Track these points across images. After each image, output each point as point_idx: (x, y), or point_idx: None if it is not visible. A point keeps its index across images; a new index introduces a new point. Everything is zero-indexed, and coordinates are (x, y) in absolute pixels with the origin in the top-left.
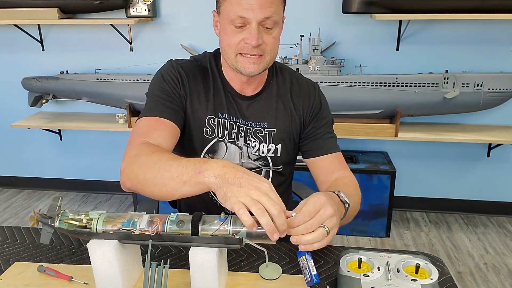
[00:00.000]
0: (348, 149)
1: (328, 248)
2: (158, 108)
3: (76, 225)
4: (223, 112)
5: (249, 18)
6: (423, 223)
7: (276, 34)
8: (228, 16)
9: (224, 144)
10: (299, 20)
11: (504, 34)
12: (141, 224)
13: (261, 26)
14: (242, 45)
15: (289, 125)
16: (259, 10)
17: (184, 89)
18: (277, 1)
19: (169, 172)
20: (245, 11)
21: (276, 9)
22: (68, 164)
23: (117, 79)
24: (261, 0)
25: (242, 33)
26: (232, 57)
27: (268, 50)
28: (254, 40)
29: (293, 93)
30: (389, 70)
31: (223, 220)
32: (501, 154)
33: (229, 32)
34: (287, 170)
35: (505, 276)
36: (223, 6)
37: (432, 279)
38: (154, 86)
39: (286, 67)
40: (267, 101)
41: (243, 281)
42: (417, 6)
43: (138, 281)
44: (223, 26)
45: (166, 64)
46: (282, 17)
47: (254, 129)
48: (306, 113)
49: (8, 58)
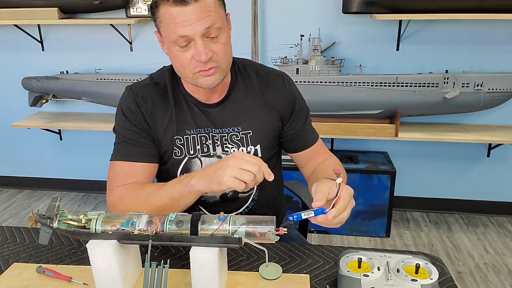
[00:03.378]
0: (348, 149)
1: (328, 248)
2: (129, 152)
3: (75, 226)
4: (190, 128)
5: (190, 35)
6: (423, 223)
7: (224, 39)
8: (169, 38)
9: (198, 159)
10: (299, 20)
11: (504, 34)
12: (140, 224)
13: (206, 37)
14: (194, 63)
15: (265, 122)
16: (197, 24)
17: (146, 121)
18: (213, 7)
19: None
20: (184, 29)
21: (216, 15)
22: (68, 164)
23: (117, 79)
24: (196, 13)
25: (189, 50)
26: (189, 76)
27: (220, 59)
28: (203, 56)
29: (263, 89)
30: (389, 70)
31: (222, 220)
32: (501, 154)
33: (176, 53)
34: (272, 163)
35: (505, 276)
36: (162, 29)
37: (432, 279)
38: (119, 124)
39: (247, 62)
40: (236, 104)
41: (243, 280)
42: (417, 6)
43: (138, 281)
44: (168, 48)
45: (124, 94)
46: (226, 18)
47: (230, 135)
48: (282, 106)
49: (8, 58)
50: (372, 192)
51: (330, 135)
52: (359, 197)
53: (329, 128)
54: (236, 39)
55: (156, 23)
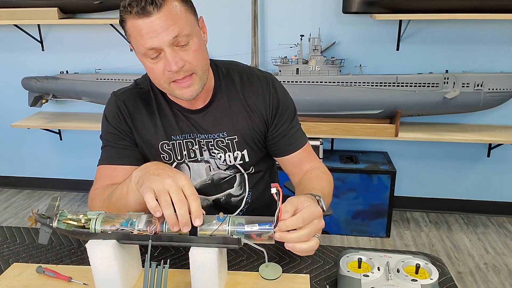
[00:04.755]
0: (348, 149)
1: (328, 248)
2: (109, 155)
3: (74, 225)
4: (175, 134)
5: (158, 46)
6: (423, 223)
7: (195, 46)
8: (139, 51)
9: (186, 165)
10: (299, 20)
11: (504, 34)
12: (139, 224)
13: (176, 46)
14: (168, 74)
15: (250, 127)
16: (163, 33)
17: (128, 124)
18: (179, 14)
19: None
20: (151, 41)
21: (183, 22)
22: (68, 164)
23: (117, 79)
24: (161, 23)
25: (160, 61)
26: (166, 87)
27: (194, 66)
28: (173, 66)
29: (245, 93)
30: (389, 70)
31: (221, 220)
32: (501, 154)
33: (148, 65)
34: (262, 166)
35: (505, 276)
36: (132, 42)
37: (432, 279)
38: (104, 130)
39: (234, 66)
40: (220, 109)
41: (243, 281)
42: (417, 6)
43: (138, 281)
44: (141, 60)
45: (109, 100)
46: (198, 23)
47: (216, 140)
48: (265, 110)
49: (8, 58)
50: (372, 192)
51: (330, 135)
52: (359, 197)
53: (329, 128)
54: (236, 39)
55: (127, 38)
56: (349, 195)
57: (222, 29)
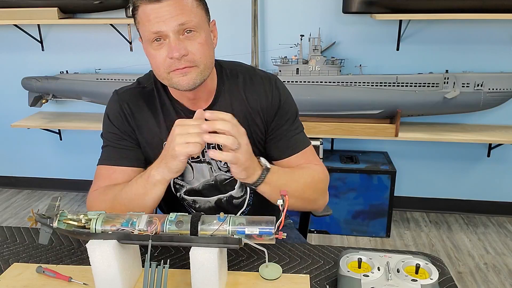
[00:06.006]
0: (348, 149)
1: (328, 248)
2: (110, 155)
3: (74, 225)
4: None
5: (164, 31)
6: (423, 223)
7: (202, 39)
8: (146, 37)
9: (189, 165)
10: (299, 20)
11: (504, 34)
12: (140, 224)
13: (181, 35)
14: (169, 62)
15: (251, 127)
16: (170, 19)
17: (130, 125)
18: (190, 6)
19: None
20: (157, 25)
21: (192, 14)
22: (68, 164)
23: (117, 79)
24: (170, 9)
25: (164, 48)
26: (165, 76)
27: (197, 59)
28: (175, 51)
29: (247, 94)
30: (389, 70)
31: (222, 220)
32: (501, 154)
33: (152, 53)
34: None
35: (505, 276)
36: (140, 30)
37: (432, 279)
38: (105, 129)
39: (238, 67)
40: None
41: (243, 281)
42: (417, 6)
43: (138, 281)
44: (146, 50)
45: (111, 98)
46: (208, 20)
47: None
48: (266, 110)
49: (8, 58)
50: (372, 192)
51: (330, 135)
52: (359, 197)
53: (329, 128)
54: (236, 39)
55: (137, 27)
56: (349, 195)
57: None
